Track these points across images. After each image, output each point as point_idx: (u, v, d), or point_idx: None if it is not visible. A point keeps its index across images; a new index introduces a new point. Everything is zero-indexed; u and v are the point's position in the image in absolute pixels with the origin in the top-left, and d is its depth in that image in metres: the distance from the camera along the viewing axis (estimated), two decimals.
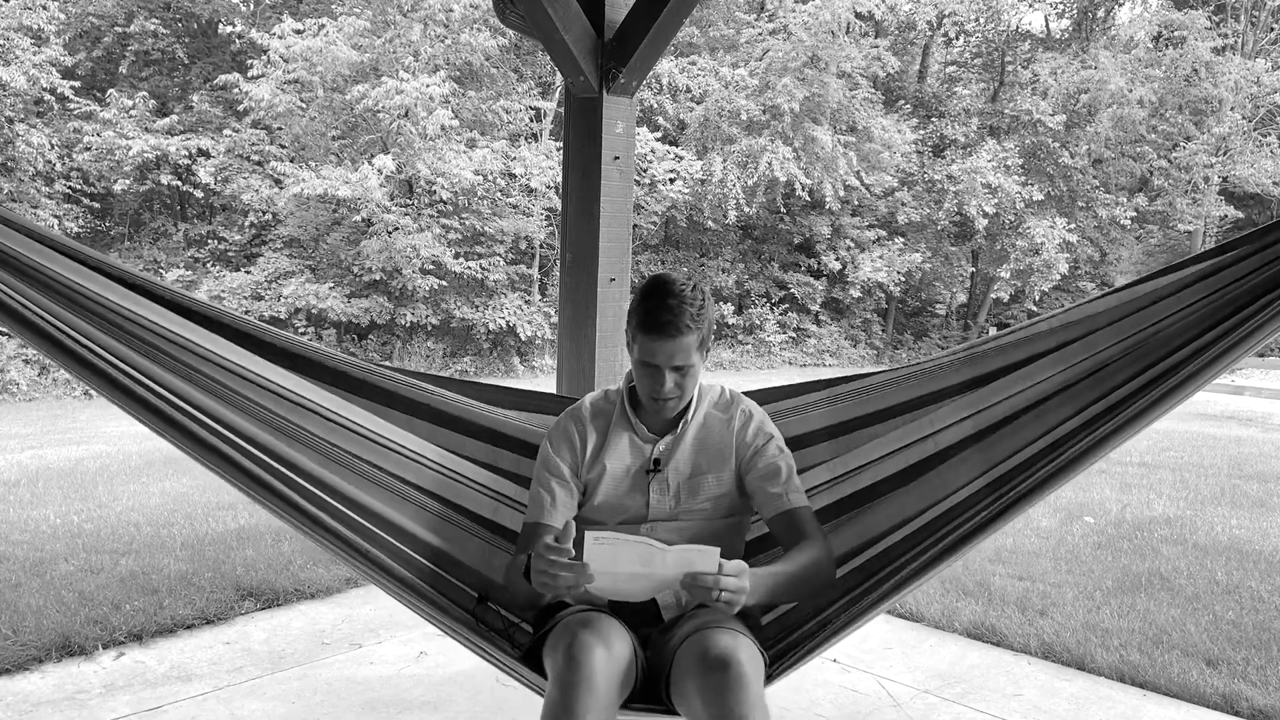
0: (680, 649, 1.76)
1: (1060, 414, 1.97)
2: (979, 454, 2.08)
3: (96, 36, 16.73)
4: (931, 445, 2.15)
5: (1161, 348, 1.85)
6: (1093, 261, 22.32)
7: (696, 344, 1.93)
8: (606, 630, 1.73)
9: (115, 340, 1.87)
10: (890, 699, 2.98)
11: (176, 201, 17.17)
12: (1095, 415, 1.91)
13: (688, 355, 1.93)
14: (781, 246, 20.14)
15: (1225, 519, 5.61)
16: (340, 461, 2.13)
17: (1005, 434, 2.06)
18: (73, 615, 3.33)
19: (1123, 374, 1.91)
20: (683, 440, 2.06)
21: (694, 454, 2.05)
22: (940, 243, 20.63)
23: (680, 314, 1.90)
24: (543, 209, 17.01)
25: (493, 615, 2.21)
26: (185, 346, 1.97)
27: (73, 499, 5.49)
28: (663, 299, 1.91)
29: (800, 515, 1.97)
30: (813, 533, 1.96)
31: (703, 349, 1.96)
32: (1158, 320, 1.87)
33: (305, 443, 2.09)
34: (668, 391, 1.96)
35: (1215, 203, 21.02)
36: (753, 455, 2.03)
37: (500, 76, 17.32)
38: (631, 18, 3.30)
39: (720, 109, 18.30)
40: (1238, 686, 3.02)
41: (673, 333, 1.90)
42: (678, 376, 1.96)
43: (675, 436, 2.06)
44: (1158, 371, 1.84)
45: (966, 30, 23.28)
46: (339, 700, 2.86)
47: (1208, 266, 1.81)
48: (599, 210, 3.34)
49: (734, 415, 2.08)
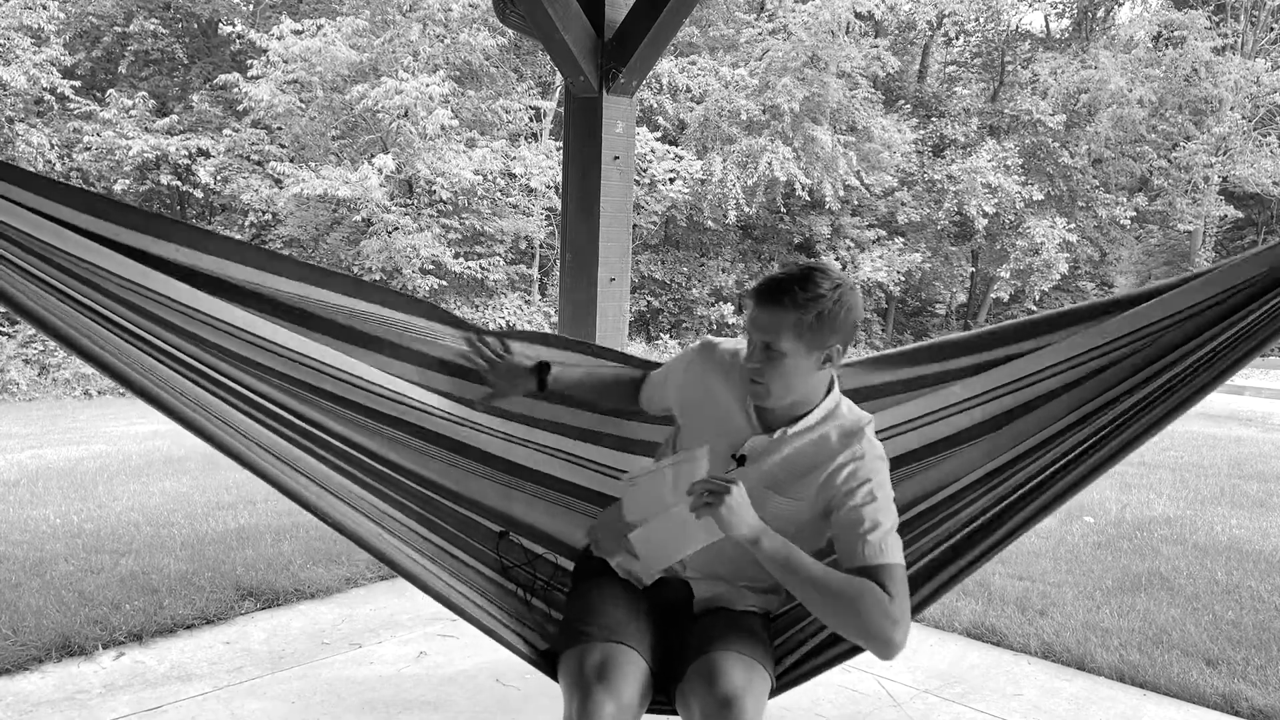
0: (693, 665, 1.77)
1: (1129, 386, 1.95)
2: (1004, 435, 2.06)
3: (96, 36, 16.73)
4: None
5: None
6: (1092, 261, 22.32)
7: (793, 327, 1.77)
8: (618, 679, 1.73)
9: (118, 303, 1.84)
10: (890, 699, 2.98)
11: (176, 201, 17.16)
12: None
13: (778, 333, 1.78)
14: (781, 246, 20.14)
15: (1225, 519, 5.61)
16: (345, 417, 2.12)
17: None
18: (73, 615, 3.33)
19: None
20: (779, 446, 1.90)
21: (781, 466, 1.89)
22: (940, 243, 20.63)
23: (787, 288, 1.77)
24: (543, 209, 17.01)
25: (515, 549, 2.25)
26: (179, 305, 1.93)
27: (72, 499, 5.48)
28: (787, 272, 1.80)
29: (878, 572, 1.71)
30: (893, 592, 1.69)
31: (804, 341, 1.78)
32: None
33: (308, 399, 2.09)
34: (751, 366, 1.83)
35: (1215, 202, 21.02)
36: (844, 496, 1.81)
37: (500, 76, 17.32)
38: (631, 18, 3.30)
39: (720, 109, 18.30)
40: (1238, 686, 3.02)
41: (768, 301, 1.79)
42: (764, 357, 1.81)
43: (774, 440, 1.90)
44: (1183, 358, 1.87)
45: (966, 30, 23.28)
46: (339, 700, 2.86)
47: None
48: (599, 210, 3.35)
49: (846, 448, 1.86)
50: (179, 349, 1.91)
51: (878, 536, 1.73)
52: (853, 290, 1.83)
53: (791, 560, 1.72)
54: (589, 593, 1.98)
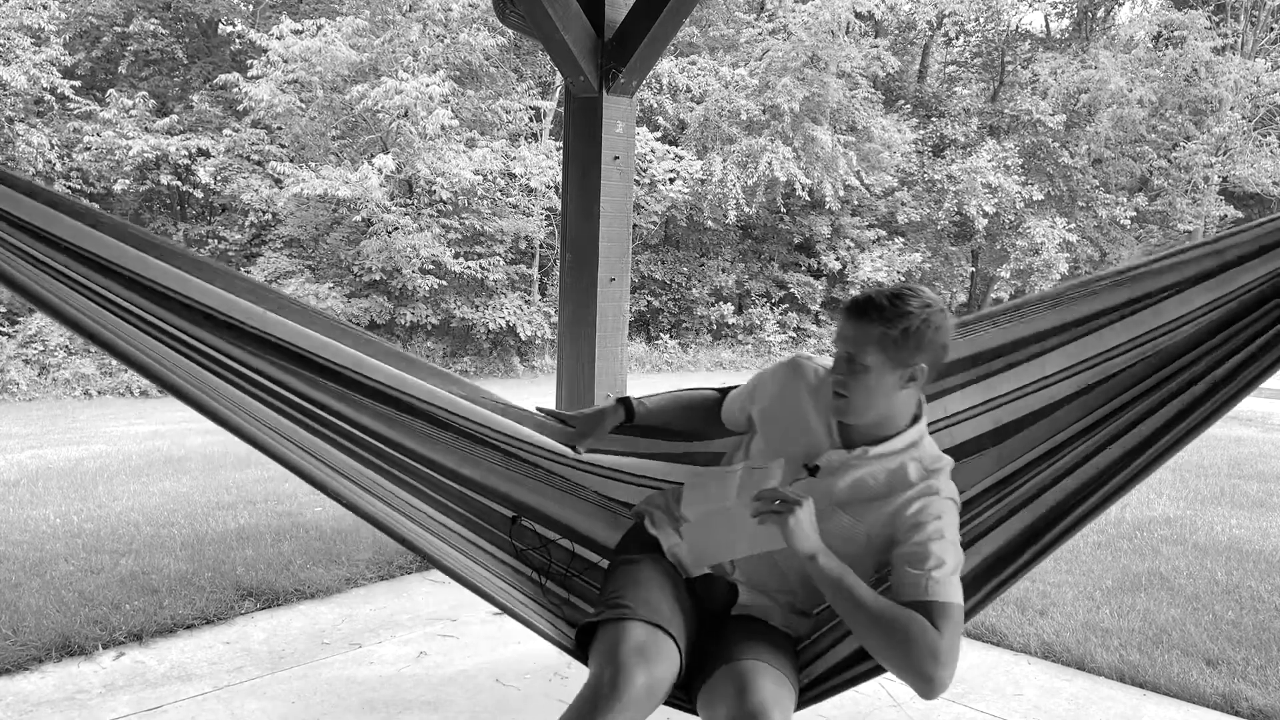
0: (724, 669, 1.76)
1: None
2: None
3: (96, 36, 16.73)
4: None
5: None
6: (1092, 261, 22.32)
7: (878, 341, 1.77)
8: (655, 661, 1.72)
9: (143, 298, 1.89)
10: (890, 699, 2.98)
11: (176, 201, 17.17)
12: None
13: (863, 346, 1.78)
14: (781, 246, 20.14)
15: (1225, 519, 5.61)
16: (365, 406, 2.14)
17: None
18: (73, 615, 3.33)
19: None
20: (857, 464, 1.88)
21: (853, 485, 1.87)
22: (940, 242, 20.63)
23: (877, 303, 1.79)
24: (543, 209, 17.01)
25: (528, 534, 2.28)
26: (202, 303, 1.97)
27: (72, 499, 5.48)
28: (880, 290, 1.82)
29: (934, 608, 1.66)
30: (944, 631, 1.65)
31: (888, 356, 1.78)
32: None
33: (328, 388, 2.11)
34: (835, 378, 1.83)
35: (1215, 202, 21.03)
36: (911, 529, 1.77)
37: (500, 76, 17.32)
38: (631, 18, 3.30)
39: (720, 109, 18.31)
40: (1238, 686, 3.02)
41: (856, 314, 1.80)
42: (848, 370, 1.81)
43: (852, 456, 1.88)
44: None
45: (966, 30, 23.29)
46: (339, 700, 2.86)
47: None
48: (599, 210, 3.35)
49: (923, 482, 1.83)
50: (214, 347, 1.95)
51: (941, 574, 1.70)
52: (942, 313, 1.82)
53: (846, 582, 1.71)
54: (636, 569, 1.96)
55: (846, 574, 1.72)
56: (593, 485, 2.34)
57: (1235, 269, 1.88)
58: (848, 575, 1.72)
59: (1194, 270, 1.93)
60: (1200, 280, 1.92)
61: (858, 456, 1.87)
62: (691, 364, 18.38)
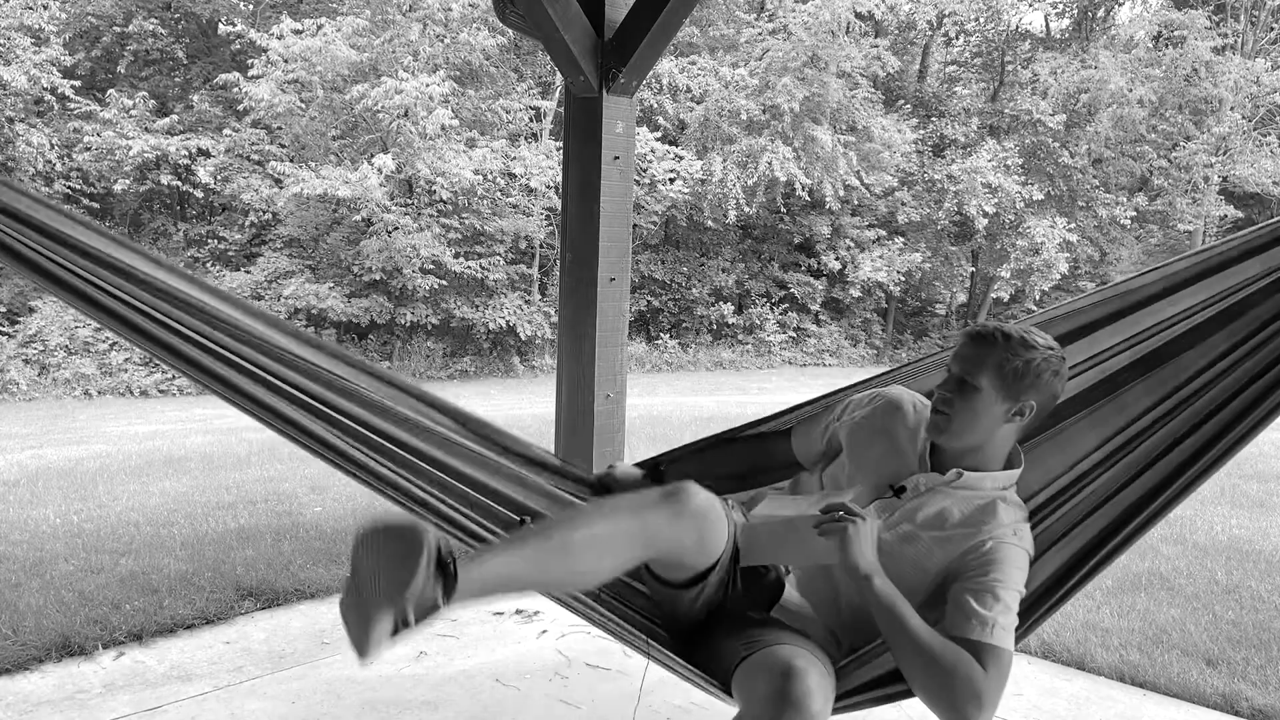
0: (770, 649, 1.72)
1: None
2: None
3: (96, 36, 16.74)
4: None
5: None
6: (1092, 261, 22.33)
7: (995, 366, 1.76)
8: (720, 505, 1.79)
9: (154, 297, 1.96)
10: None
11: (176, 201, 17.17)
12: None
13: (979, 369, 1.77)
14: (781, 246, 20.14)
15: (1225, 519, 5.61)
16: (381, 409, 2.15)
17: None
18: (73, 615, 3.33)
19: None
20: (943, 490, 1.85)
21: (938, 513, 1.83)
22: (940, 242, 20.64)
23: (1005, 333, 1.78)
24: (543, 209, 17.01)
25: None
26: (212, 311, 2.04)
27: (72, 499, 5.48)
28: (1008, 324, 1.82)
29: (984, 649, 1.63)
30: (990, 674, 1.62)
31: (1002, 384, 1.77)
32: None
33: (347, 391, 2.13)
34: (941, 394, 1.82)
35: (1215, 202, 21.03)
36: (980, 567, 1.73)
37: (500, 76, 17.33)
38: (631, 18, 3.30)
39: (720, 109, 18.31)
40: (1238, 686, 3.02)
41: (979, 338, 1.80)
42: (957, 389, 1.80)
43: (941, 480, 1.84)
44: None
45: (966, 30, 23.29)
46: (339, 700, 2.86)
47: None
48: (599, 210, 3.34)
49: (1004, 527, 1.78)
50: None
51: (1005, 621, 1.66)
52: (1063, 361, 1.82)
53: (898, 608, 1.67)
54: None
55: (900, 600, 1.68)
56: None
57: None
58: (900, 602, 1.68)
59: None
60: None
61: (948, 481, 1.84)
62: (691, 364, 18.38)
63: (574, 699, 2.85)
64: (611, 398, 3.43)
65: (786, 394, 14.28)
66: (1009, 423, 1.81)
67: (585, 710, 2.78)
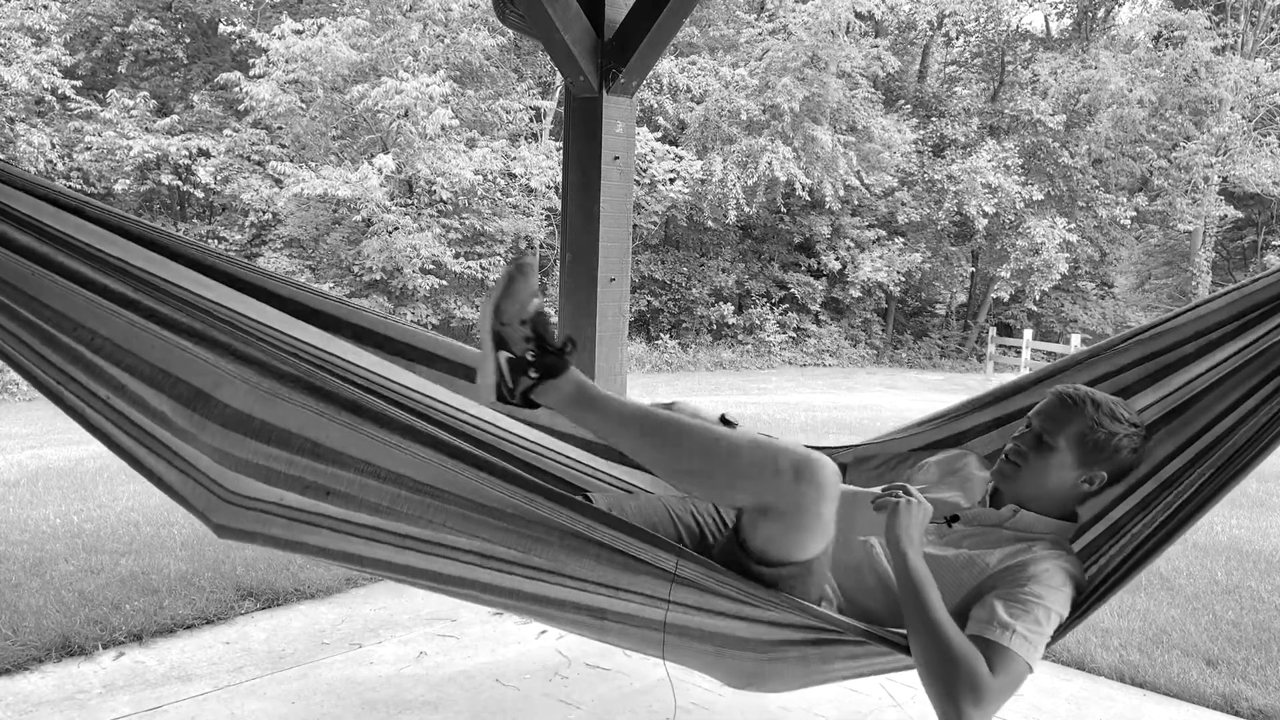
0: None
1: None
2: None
3: (96, 36, 16.75)
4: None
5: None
6: (1092, 261, 22.33)
7: (1077, 432, 1.78)
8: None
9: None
10: (890, 699, 2.98)
11: (176, 201, 17.18)
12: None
13: (1060, 430, 1.79)
14: (781, 246, 20.15)
15: (1225, 519, 5.60)
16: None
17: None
18: (73, 615, 3.33)
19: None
20: (994, 524, 1.87)
21: (984, 532, 1.86)
22: (940, 243, 20.64)
23: (1094, 399, 1.80)
24: (543, 209, 17.02)
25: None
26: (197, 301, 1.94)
27: (73, 499, 5.48)
28: (1100, 393, 1.83)
29: (998, 651, 1.60)
30: (997, 675, 1.58)
31: (1080, 450, 1.78)
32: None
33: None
34: (1015, 444, 1.83)
35: (1215, 202, 21.03)
36: (1015, 579, 1.72)
37: (500, 76, 17.34)
38: (631, 18, 3.30)
39: (720, 109, 18.31)
40: (1238, 686, 3.02)
41: (1068, 400, 1.81)
42: (1034, 444, 1.81)
43: (994, 518, 1.86)
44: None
45: (966, 30, 23.29)
46: (339, 700, 2.86)
47: None
48: (599, 210, 3.34)
49: (1056, 548, 1.79)
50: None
51: (1033, 636, 1.63)
52: (1144, 440, 1.83)
53: (924, 589, 1.66)
54: None
55: (929, 583, 1.67)
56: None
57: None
58: (929, 586, 1.67)
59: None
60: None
61: (1003, 518, 1.85)
62: (691, 364, 18.38)
63: (574, 699, 2.85)
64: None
65: (787, 394, 14.27)
66: (1075, 489, 1.83)
67: (585, 710, 2.78)
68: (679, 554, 1.63)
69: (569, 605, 1.77)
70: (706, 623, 1.70)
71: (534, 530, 1.67)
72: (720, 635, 1.73)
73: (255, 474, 1.79)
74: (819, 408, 11.38)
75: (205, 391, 1.78)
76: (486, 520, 1.69)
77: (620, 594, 1.70)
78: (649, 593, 1.67)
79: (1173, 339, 2.02)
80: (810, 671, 1.79)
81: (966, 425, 2.26)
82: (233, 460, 1.79)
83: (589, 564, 1.67)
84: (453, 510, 1.70)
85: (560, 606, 1.78)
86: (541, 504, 1.65)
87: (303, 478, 1.76)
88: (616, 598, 1.71)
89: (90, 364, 1.81)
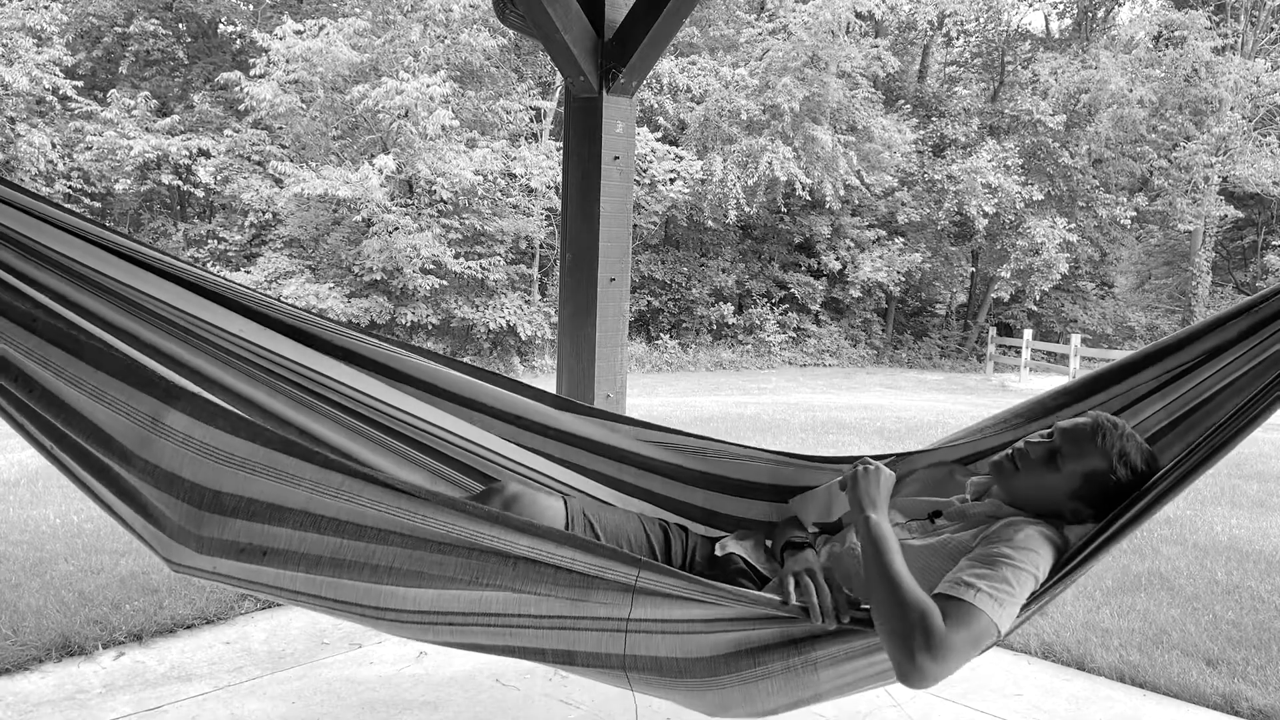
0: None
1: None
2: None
3: (97, 37, 16.76)
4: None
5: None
6: (1093, 261, 22.34)
7: (1091, 468, 1.78)
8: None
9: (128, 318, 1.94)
10: (890, 699, 2.98)
11: (176, 201, 17.19)
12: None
13: (1077, 458, 1.79)
14: (781, 246, 20.15)
15: (1225, 519, 5.60)
16: (360, 433, 2.16)
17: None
18: (73, 615, 3.33)
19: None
20: (967, 512, 1.89)
21: (964, 523, 1.88)
22: (940, 243, 20.64)
23: (1114, 445, 1.78)
24: (543, 209, 17.02)
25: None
26: (205, 329, 2.03)
27: (73, 499, 5.48)
28: (1127, 435, 1.81)
29: (957, 605, 1.58)
30: (951, 628, 1.55)
31: (1087, 485, 1.79)
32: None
33: (323, 414, 2.13)
34: (1023, 444, 1.85)
35: (1215, 202, 21.04)
36: (995, 540, 1.73)
37: (500, 76, 17.34)
38: (631, 18, 3.30)
39: (720, 109, 18.32)
40: (1238, 686, 3.02)
41: (1094, 432, 1.80)
42: (1044, 456, 1.81)
43: (976, 509, 1.88)
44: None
45: (967, 30, 23.30)
46: (339, 700, 2.86)
47: None
48: (599, 210, 3.34)
49: (1016, 519, 1.79)
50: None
51: (986, 584, 1.61)
52: (1149, 492, 1.78)
53: (884, 547, 1.65)
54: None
55: (890, 544, 1.66)
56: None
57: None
58: (891, 546, 1.65)
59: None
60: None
61: (985, 510, 1.86)
62: (691, 364, 18.38)
63: (573, 699, 2.85)
64: (611, 398, 3.43)
65: (787, 394, 14.27)
66: (1061, 508, 1.83)
67: (585, 710, 2.79)
68: (639, 564, 1.61)
69: (531, 651, 1.73)
70: (670, 644, 1.67)
71: (489, 561, 1.61)
72: (687, 661, 1.69)
73: (199, 546, 1.71)
74: (819, 408, 11.38)
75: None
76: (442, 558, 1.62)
77: (581, 623, 1.66)
78: (608, 615, 1.64)
79: (1187, 353, 2.03)
80: (798, 685, 1.72)
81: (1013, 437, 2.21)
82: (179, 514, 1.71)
83: (546, 587, 1.62)
84: (398, 552, 1.63)
85: (523, 653, 1.74)
86: (499, 531, 1.60)
87: (237, 541, 1.68)
88: (578, 627, 1.67)
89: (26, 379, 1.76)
